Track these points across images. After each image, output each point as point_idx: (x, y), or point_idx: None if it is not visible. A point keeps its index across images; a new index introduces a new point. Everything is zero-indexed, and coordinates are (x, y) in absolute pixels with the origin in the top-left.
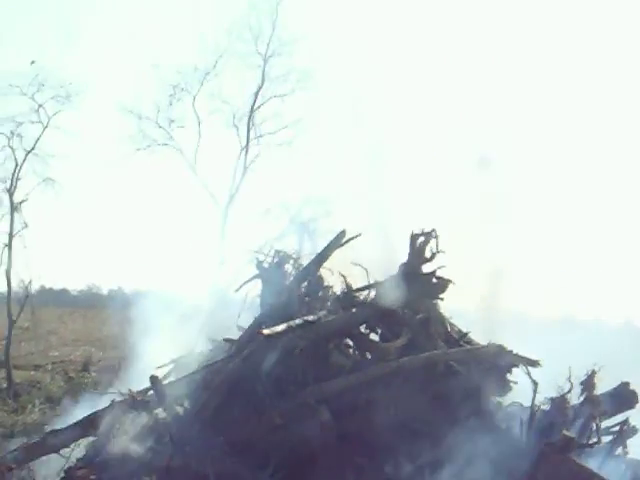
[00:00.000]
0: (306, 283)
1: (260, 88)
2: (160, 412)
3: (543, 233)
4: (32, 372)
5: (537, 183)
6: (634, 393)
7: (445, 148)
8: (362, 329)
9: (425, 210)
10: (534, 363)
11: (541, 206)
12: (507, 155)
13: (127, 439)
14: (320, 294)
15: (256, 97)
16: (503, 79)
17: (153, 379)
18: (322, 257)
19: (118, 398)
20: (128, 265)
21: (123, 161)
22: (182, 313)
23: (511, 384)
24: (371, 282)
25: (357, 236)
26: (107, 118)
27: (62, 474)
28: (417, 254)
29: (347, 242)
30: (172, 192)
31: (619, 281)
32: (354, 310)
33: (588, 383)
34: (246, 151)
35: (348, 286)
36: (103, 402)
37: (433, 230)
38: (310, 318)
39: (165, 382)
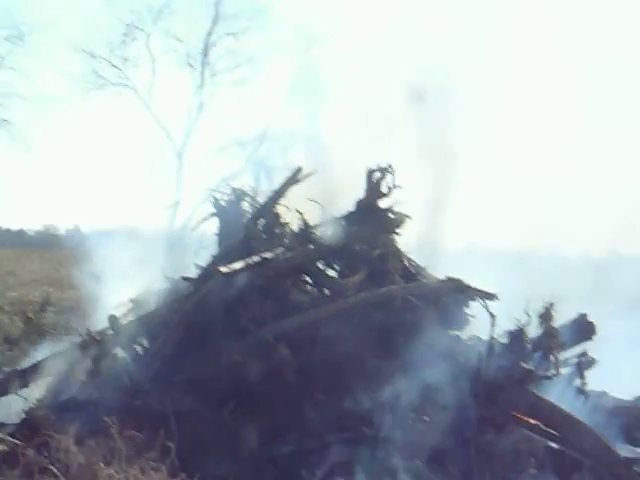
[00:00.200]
0: (263, 220)
1: (214, 26)
2: (119, 352)
3: (499, 162)
4: None
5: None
6: (592, 324)
7: (389, 81)
8: (320, 265)
9: (373, 146)
10: (491, 296)
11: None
12: (446, 84)
13: (86, 380)
14: (277, 231)
15: (210, 35)
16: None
17: (111, 319)
18: (279, 194)
19: (77, 338)
20: (85, 205)
21: (77, 101)
22: (140, 252)
23: (469, 318)
24: (328, 218)
25: (313, 173)
26: (61, 58)
27: (23, 415)
28: (373, 190)
29: (303, 179)
30: (128, 132)
31: (575, 213)
32: (311, 247)
33: (546, 315)
34: (201, 90)
35: (305, 223)
36: (62, 343)
37: (389, 165)
38: (267, 255)
39: (124, 321)
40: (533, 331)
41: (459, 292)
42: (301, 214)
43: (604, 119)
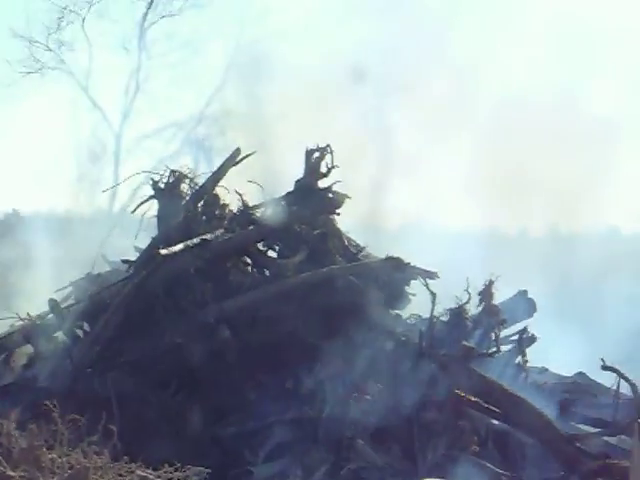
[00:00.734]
0: (202, 202)
1: (149, 7)
2: (60, 335)
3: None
4: None
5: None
6: (532, 301)
7: (326, 62)
8: (260, 246)
9: (310, 125)
10: (432, 275)
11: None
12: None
13: (27, 364)
14: (217, 213)
15: (145, 17)
16: None
17: (52, 302)
18: (217, 175)
19: (17, 322)
20: (23, 189)
21: (16, 86)
22: (79, 235)
23: (409, 296)
24: (267, 199)
25: (252, 154)
26: None
27: None
28: (312, 169)
29: (242, 160)
30: (65, 116)
31: (516, 190)
32: (251, 228)
33: (486, 293)
34: (137, 72)
35: (244, 204)
36: (1, 327)
37: (328, 145)
38: (207, 237)
39: (64, 305)
40: (474, 309)
41: (399, 271)
42: (240, 195)
43: (551, 88)
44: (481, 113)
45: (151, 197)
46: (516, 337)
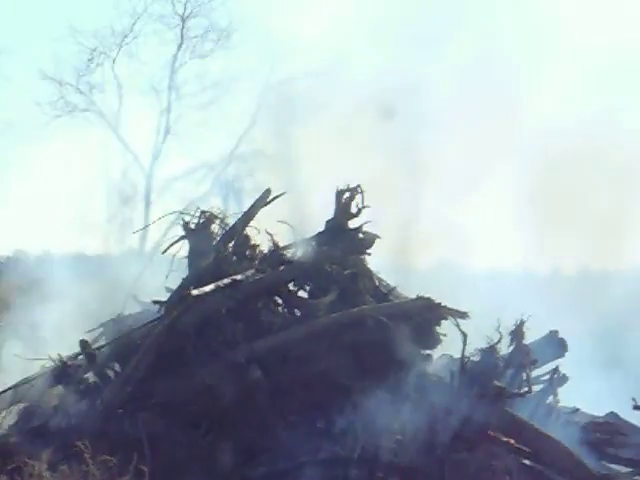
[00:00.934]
0: (233, 242)
1: (179, 49)
2: (91, 376)
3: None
4: None
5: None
6: (563, 341)
7: (357, 100)
8: (290, 286)
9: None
10: (463, 315)
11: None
12: (414, 104)
13: (59, 405)
14: (247, 253)
15: (175, 58)
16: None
17: (83, 343)
18: (248, 216)
19: (48, 364)
20: (55, 230)
21: (46, 128)
22: (110, 276)
23: (440, 336)
24: (298, 239)
25: (282, 194)
26: (28, 85)
27: None
28: (343, 210)
29: (272, 200)
30: (96, 157)
31: (546, 230)
32: (282, 268)
33: (517, 332)
34: (168, 113)
35: (275, 244)
36: (33, 368)
37: (358, 186)
38: (238, 277)
39: (95, 346)
40: (505, 349)
41: (430, 311)
42: (271, 235)
43: (571, 131)
44: (513, 152)
45: (182, 237)
46: (547, 377)
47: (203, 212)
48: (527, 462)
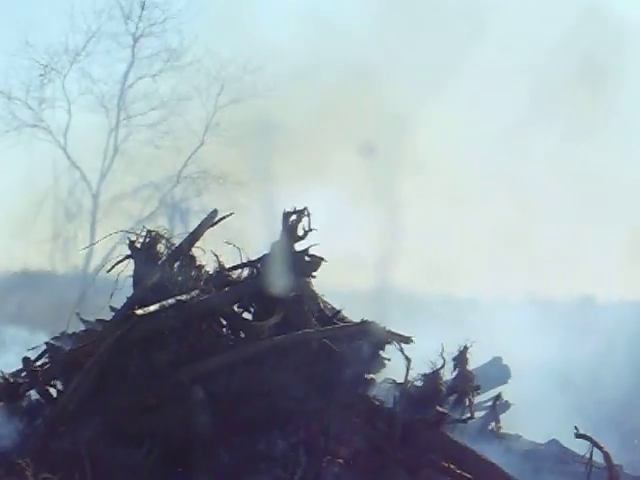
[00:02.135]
0: (179, 263)
1: (130, 68)
2: (33, 394)
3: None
4: None
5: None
6: (507, 368)
7: (306, 121)
8: (235, 308)
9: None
10: (407, 340)
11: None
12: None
13: (1, 422)
14: (193, 274)
15: (126, 77)
16: None
17: (25, 361)
18: (194, 236)
19: None
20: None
21: None
22: (54, 295)
23: (384, 361)
24: (244, 261)
25: (229, 215)
26: None
27: None
28: (289, 232)
29: (219, 221)
30: (43, 173)
31: (493, 255)
32: (227, 289)
33: (461, 358)
34: (116, 131)
35: (221, 265)
36: None
37: (305, 208)
38: (183, 298)
39: (38, 364)
40: (448, 374)
41: (374, 335)
42: (217, 256)
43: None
44: (453, 181)
45: (127, 257)
46: (490, 403)
47: (149, 232)
48: None
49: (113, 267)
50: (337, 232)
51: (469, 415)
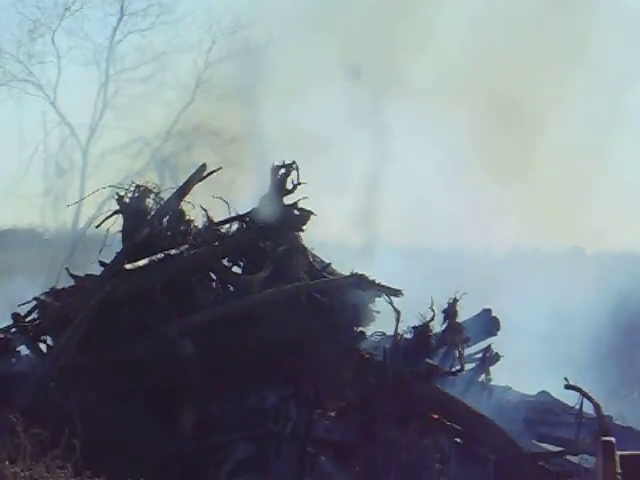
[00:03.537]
0: (167, 218)
1: (119, 23)
2: (23, 349)
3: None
4: None
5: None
6: (496, 319)
7: (313, 60)
8: (225, 262)
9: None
10: (396, 292)
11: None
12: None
13: None
14: (182, 228)
15: (115, 32)
16: None
17: (15, 316)
18: (183, 191)
19: None
20: None
21: None
22: (44, 250)
23: (374, 313)
24: (233, 215)
25: (217, 169)
26: None
27: None
28: (278, 186)
29: (208, 175)
30: (32, 128)
31: (480, 208)
32: (216, 244)
33: (450, 310)
34: (106, 86)
35: (210, 220)
36: None
37: (294, 162)
38: (172, 252)
39: (27, 319)
40: (438, 327)
41: (364, 288)
42: (206, 211)
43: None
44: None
45: (116, 212)
46: (480, 355)
47: (138, 186)
48: (459, 440)
49: (102, 222)
50: (326, 188)
51: (459, 367)
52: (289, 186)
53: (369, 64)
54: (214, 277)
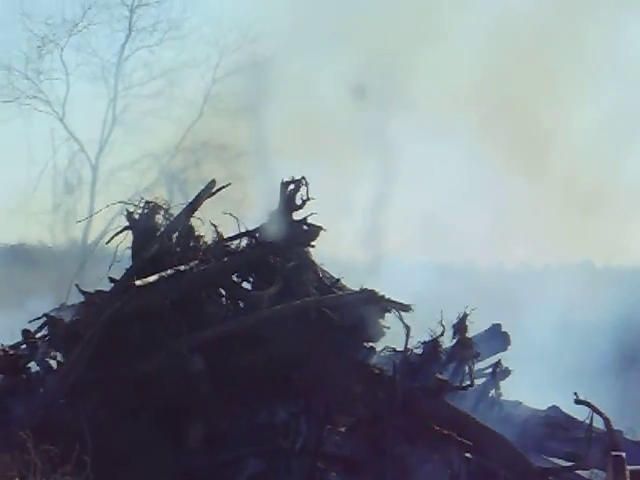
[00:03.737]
0: (177, 233)
1: (127, 39)
2: (33, 366)
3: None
4: None
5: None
6: (506, 335)
7: (306, 93)
8: (234, 278)
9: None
10: (406, 308)
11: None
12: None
13: (1, 394)
14: (191, 244)
15: (123, 49)
16: None
17: (25, 333)
18: (192, 207)
19: None
20: None
21: None
22: (53, 266)
23: (384, 329)
24: (242, 231)
25: (227, 185)
26: None
27: None
28: (287, 202)
29: (217, 191)
30: (41, 144)
31: (491, 223)
32: (225, 259)
33: (460, 326)
34: (114, 102)
35: (219, 235)
36: None
37: (303, 177)
38: (182, 268)
39: (37, 336)
40: (447, 342)
41: (373, 303)
42: (215, 227)
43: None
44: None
45: (126, 228)
46: (490, 370)
47: (147, 202)
48: (468, 455)
49: (112, 238)
50: (335, 204)
51: (469, 382)
52: (298, 202)
53: (376, 78)
54: (224, 293)
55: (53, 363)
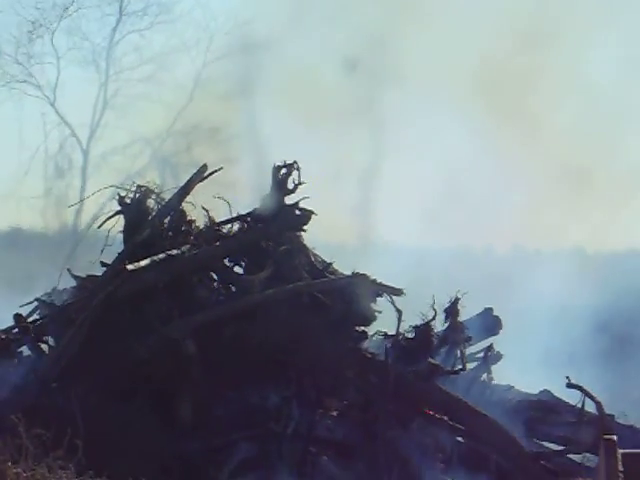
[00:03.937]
0: (169, 218)
1: (118, 23)
2: (24, 350)
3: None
4: None
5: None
6: (498, 319)
7: (295, 76)
8: (226, 262)
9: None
10: (397, 292)
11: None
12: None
13: None
14: (183, 228)
15: (114, 32)
16: None
17: (17, 317)
18: (184, 191)
19: None
20: None
21: None
22: (44, 250)
23: (375, 313)
24: (234, 215)
25: (219, 169)
26: None
27: None
28: (279, 186)
29: (209, 175)
30: (32, 129)
31: (481, 207)
32: (217, 243)
33: (452, 310)
34: (105, 86)
35: (211, 220)
36: None
37: (295, 162)
38: (173, 252)
39: (29, 320)
40: (439, 326)
41: (365, 287)
42: (207, 211)
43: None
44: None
45: (117, 212)
46: (482, 354)
47: (139, 187)
48: (460, 439)
49: (104, 223)
50: (328, 186)
51: (460, 367)
52: (290, 186)
53: (369, 56)
54: (215, 277)
55: (45, 347)
